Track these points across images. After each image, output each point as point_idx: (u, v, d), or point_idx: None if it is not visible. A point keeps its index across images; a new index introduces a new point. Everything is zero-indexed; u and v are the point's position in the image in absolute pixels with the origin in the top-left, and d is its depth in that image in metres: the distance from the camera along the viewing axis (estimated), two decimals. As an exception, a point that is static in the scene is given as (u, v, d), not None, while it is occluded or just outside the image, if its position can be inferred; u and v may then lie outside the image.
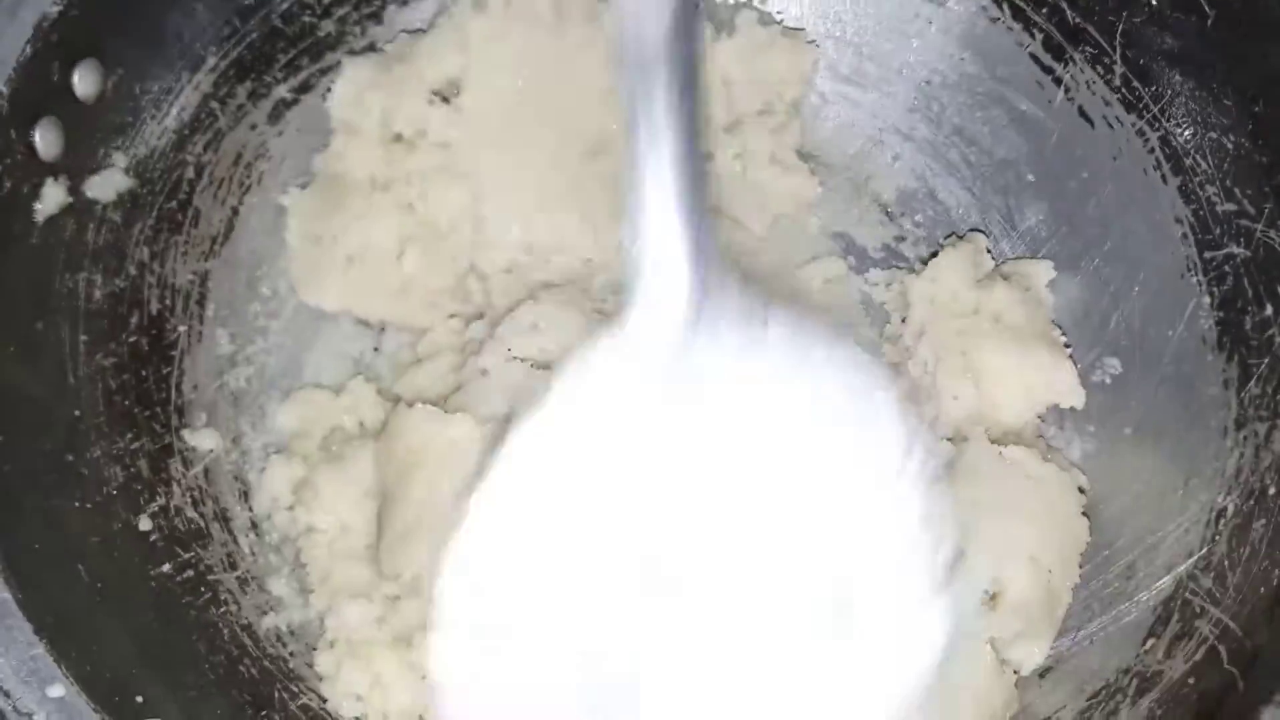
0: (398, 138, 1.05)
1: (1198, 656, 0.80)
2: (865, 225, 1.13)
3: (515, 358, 0.94)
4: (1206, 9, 0.92)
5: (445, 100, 1.04)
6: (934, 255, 1.06)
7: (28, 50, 0.84)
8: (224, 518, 0.95)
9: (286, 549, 0.96)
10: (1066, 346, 1.01)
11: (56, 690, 0.68)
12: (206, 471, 0.96)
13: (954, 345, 0.99)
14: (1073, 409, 0.98)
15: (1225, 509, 0.86)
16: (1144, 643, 0.84)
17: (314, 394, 1.03)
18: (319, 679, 0.90)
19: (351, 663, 0.88)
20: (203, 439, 0.96)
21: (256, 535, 0.96)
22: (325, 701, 0.88)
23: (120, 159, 0.93)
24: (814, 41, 1.13)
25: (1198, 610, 0.82)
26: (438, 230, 1.03)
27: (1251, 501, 0.84)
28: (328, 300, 1.05)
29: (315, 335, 1.07)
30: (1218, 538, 0.85)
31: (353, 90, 1.05)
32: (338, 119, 1.06)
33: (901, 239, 1.12)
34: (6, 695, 0.68)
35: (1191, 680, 0.79)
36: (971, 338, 0.98)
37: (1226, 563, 0.83)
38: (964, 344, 0.99)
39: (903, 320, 1.04)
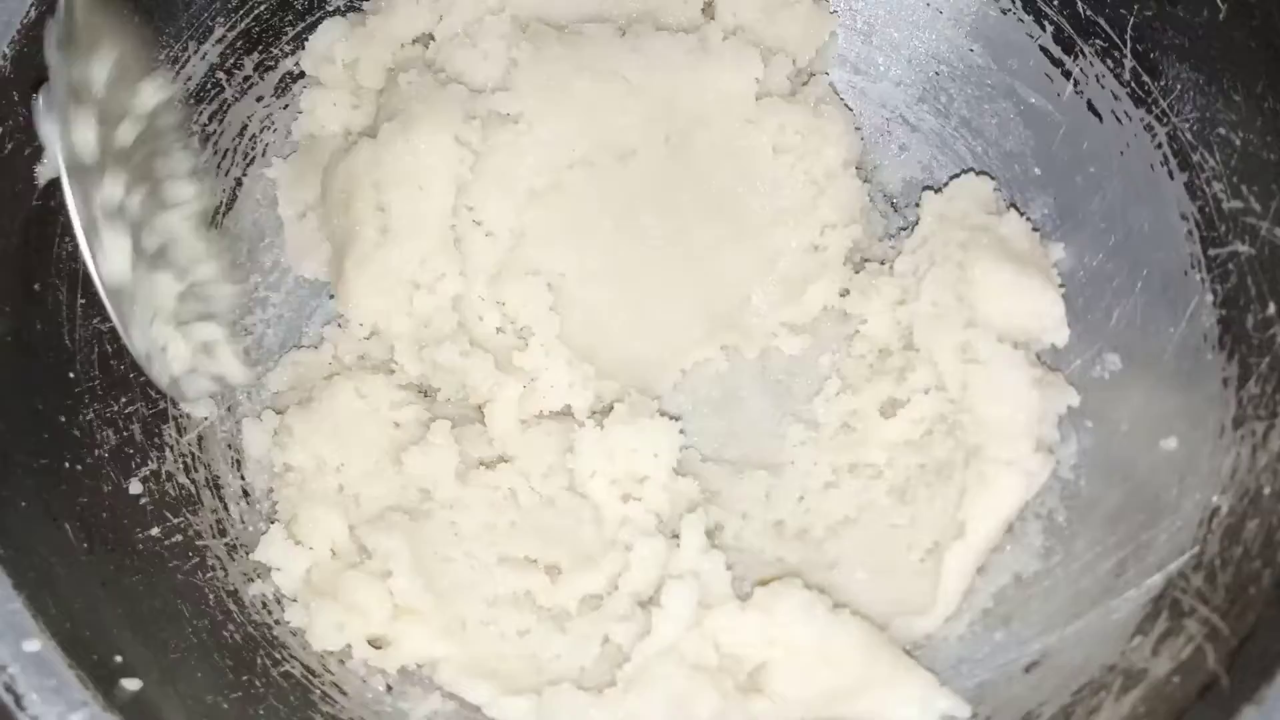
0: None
1: (1184, 655, 0.79)
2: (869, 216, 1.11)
3: None
4: (1218, 4, 0.91)
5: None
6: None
7: (31, 14, 0.84)
8: (215, 485, 0.95)
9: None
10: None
11: (33, 644, 0.69)
12: (200, 439, 0.96)
13: (953, 256, 0.99)
14: (1070, 407, 0.97)
15: (1219, 508, 0.85)
16: (1131, 639, 0.83)
17: (300, 355, 1.04)
18: (296, 632, 0.90)
19: (323, 598, 0.89)
20: (198, 406, 0.97)
21: (247, 503, 0.96)
22: (311, 673, 0.89)
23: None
24: (835, 12, 1.12)
25: (1187, 609, 0.81)
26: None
27: (1245, 501, 0.83)
28: (318, 270, 1.06)
29: (316, 307, 1.07)
30: (1210, 537, 0.84)
31: (323, 44, 1.05)
32: (309, 75, 1.06)
33: (905, 229, 1.11)
34: (-19, 646, 0.68)
35: (1176, 678, 0.78)
36: (972, 250, 0.98)
37: (1218, 562, 0.82)
38: (963, 256, 0.99)
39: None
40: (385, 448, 0.96)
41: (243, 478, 0.97)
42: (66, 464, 0.84)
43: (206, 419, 0.97)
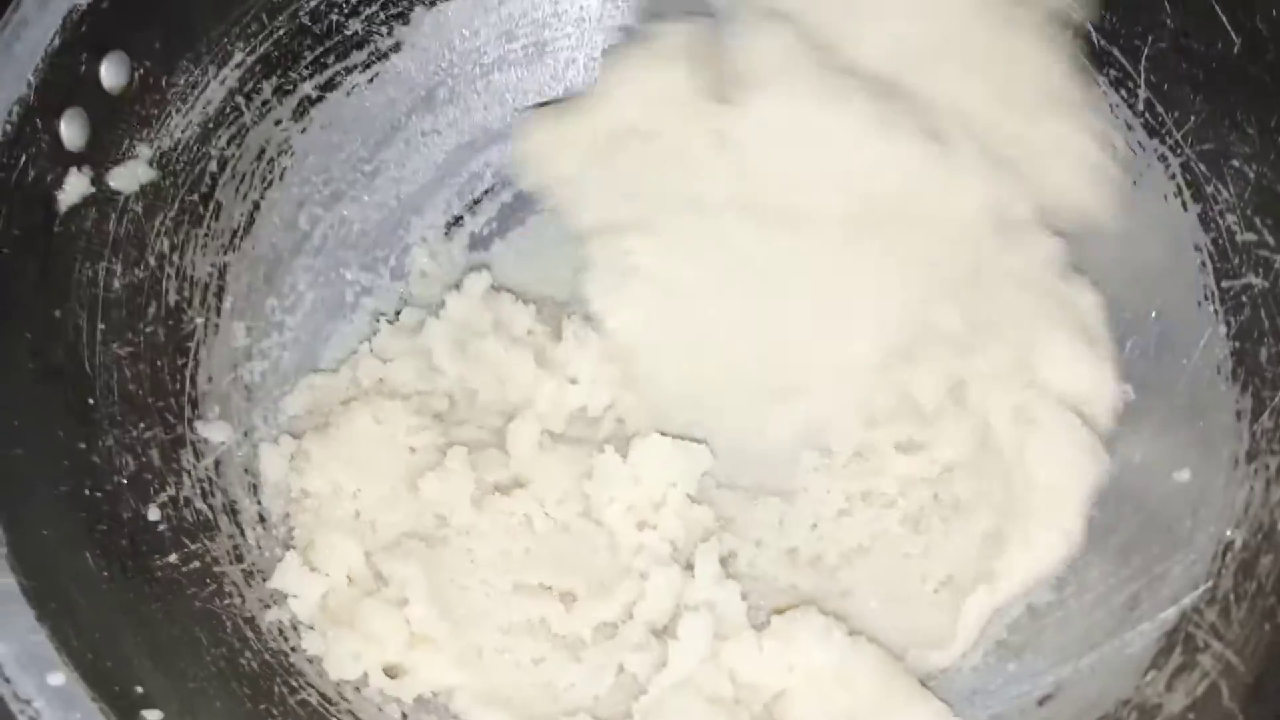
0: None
1: (1199, 691, 0.79)
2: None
3: None
4: (1232, 36, 0.92)
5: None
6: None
7: (56, 41, 0.85)
8: (232, 510, 0.95)
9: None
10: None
11: (56, 678, 0.69)
12: (217, 464, 0.96)
13: (1021, 321, 0.98)
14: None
15: (1233, 542, 0.85)
16: (1145, 674, 0.83)
17: (317, 379, 1.04)
18: (313, 660, 0.90)
19: (340, 626, 0.89)
20: (215, 431, 0.97)
21: (264, 529, 0.97)
22: (328, 701, 0.89)
23: (144, 151, 0.94)
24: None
25: (1201, 644, 0.82)
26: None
27: (1260, 536, 0.84)
28: None
29: (332, 331, 1.08)
30: (1224, 571, 0.84)
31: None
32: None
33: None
34: (6, 681, 0.68)
35: (1191, 715, 0.78)
36: (1042, 320, 0.98)
37: (1232, 597, 0.82)
38: (1031, 322, 0.98)
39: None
40: (401, 473, 0.97)
41: (259, 503, 0.97)
42: (86, 491, 0.84)
43: (223, 443, 0.97)
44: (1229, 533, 0.86)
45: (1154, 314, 0.99)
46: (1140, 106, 1.00)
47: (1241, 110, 0.92)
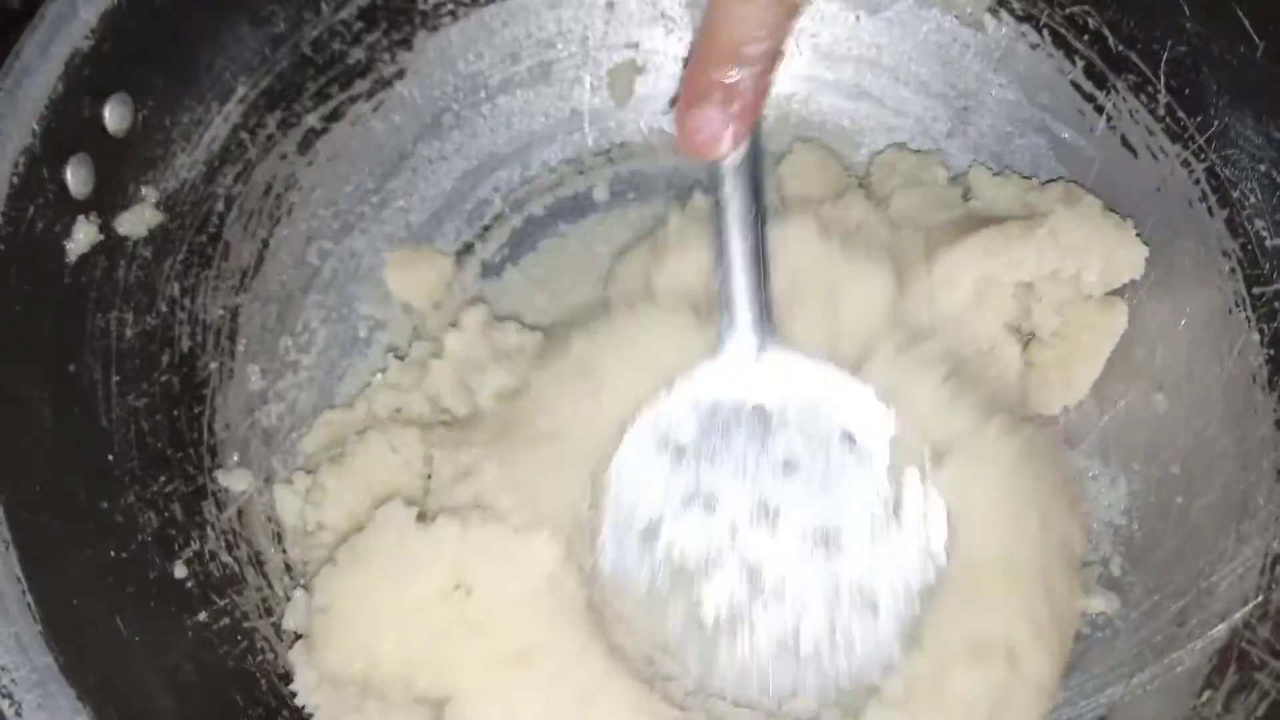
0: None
1: (1260, 711, 0.78)
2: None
3: None
4: (1255, 39, 0.91)
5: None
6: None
7: (59, 87, 0.82)
8: (258, 561, 0.93)
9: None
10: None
11: (100, 758, 0.67)
12: (240, 513, 0.94)
13: None
14: (1119, 444, 0.97)
15: (1280, 555, 0.84)
16: (1200, 694, 0.82)
17: (333, 415, 1.02)
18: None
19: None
20: (235, 479, 0.95)
21: (290, 578, 0.94)
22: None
23: (151, 193, 0.92)
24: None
25: (1256, 662, 0.81)
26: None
27: (1309, 548, 0.83)
28: None
29: (347, 367, 1.06)
30: (1274, 585, 0.83)
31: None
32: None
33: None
34: (55, 766, 0.66)
35: (1253, 736, 0.78)
36: None
37: (1285, 612, 0.82)
38: None
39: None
40: (418, 501, 0.95)
41: (284, 550, 0.95)
42: (112, 553, 0.81)
43: (245, 491, 0.95)
44: (1275, 544, 0.85)
45: (1183, 322, 0.98)
46: (1161, 111, 0.99)
47: (1267, 112, 0.91)
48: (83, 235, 0.85)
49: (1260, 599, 0.84)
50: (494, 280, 1.12)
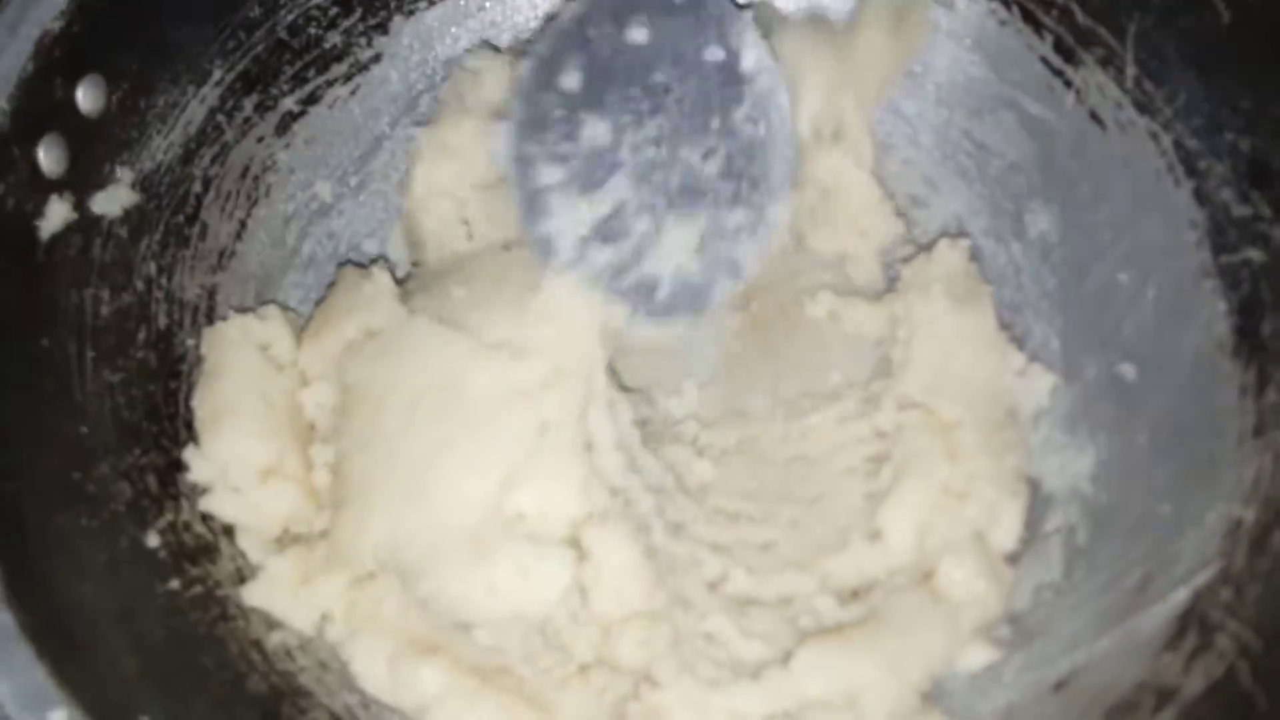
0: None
1: (1217, 672, 0.78)
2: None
3: None
4: (1221, 10, 0.91)
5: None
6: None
7: (29, 66, 0.84)
8: (232, 531, 0.94)
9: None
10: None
11: (58, 715, 0.68)
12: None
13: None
14: (1087, 415, 0.97)
15: (1243, 520, 0.84)
16: (1160, 656, 0.82)
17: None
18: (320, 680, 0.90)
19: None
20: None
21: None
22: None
23: (126, 174, 0.93)
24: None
25: (1216, 623, 0.81)
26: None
27: (1271, 513, 0.83)
28: None
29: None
30: (1235, 550, 0.83)
31: None
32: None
33: (910, 242, 1.11)
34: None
35: (1210, 696, 0.77)
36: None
37: (1245, 575, 0.82)
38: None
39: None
40: None
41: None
42: (84, 521, 0.83)
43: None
44: (1239, 510, 0.85)
45: (1152, 293, 0.98)
46: (1129, 84, 0.99)
47: (1233, 84, 0.92)
48: (56, 214, 0.87)
49: (1222, 562, 0.84)
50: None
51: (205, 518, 0.93)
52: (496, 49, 1.09)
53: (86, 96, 0.89)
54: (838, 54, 1.07)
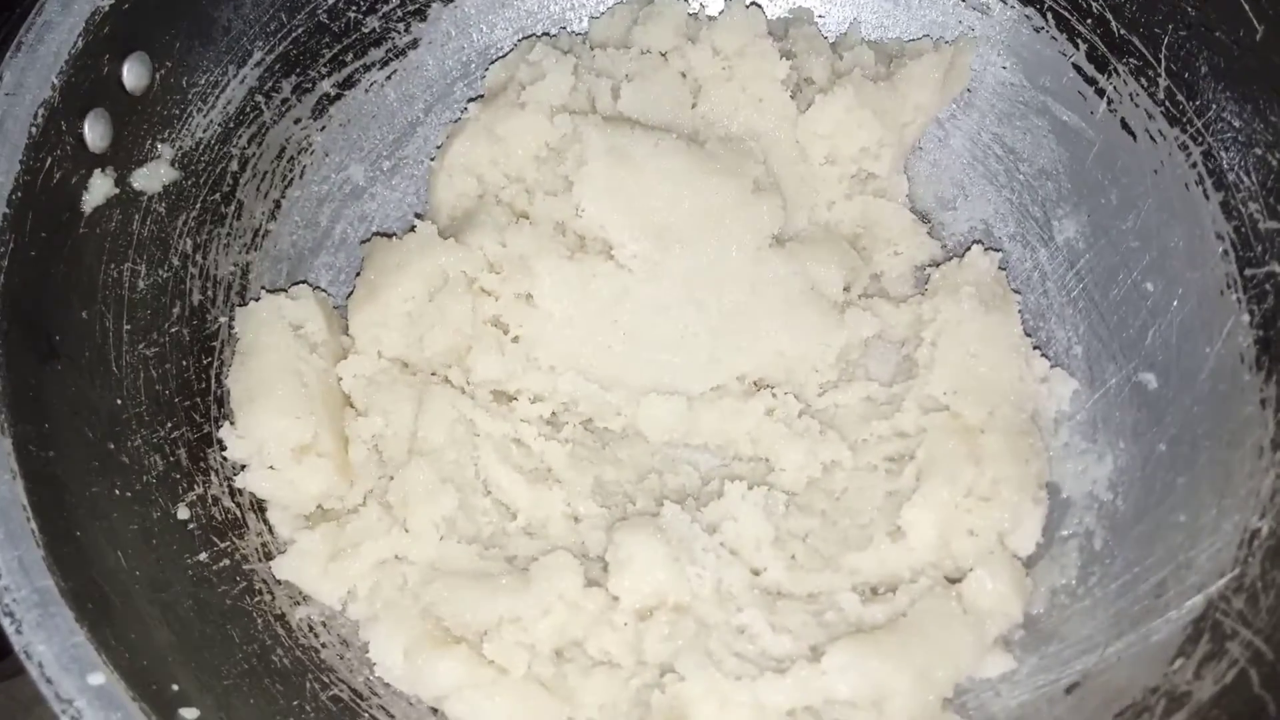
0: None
1: (1228, 679, 0.79)
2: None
3: None
4: (1255, 24, 0.92)
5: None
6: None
7: (79, 43, 0.85)
8: (260, 507, 0.95)
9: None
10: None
11: (97, 678, 0.69)
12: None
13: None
14: (1108, 422, 0.98)
15: (1259, 530, 0.85)
16: (1172, 662, 0.84)
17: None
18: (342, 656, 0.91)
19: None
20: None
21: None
22: (359, 697, 0.89)
23: (167, 151, 0.95)
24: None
25: (1229, 631, 0.82)
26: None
27: (1286, 524, 0.84)
28: None
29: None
30: (1250, 559, 0.84)
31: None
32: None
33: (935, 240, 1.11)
34: (49, 682, 0.69)
35: (1221, 702, 0.78)
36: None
37: (1260, 585, 0.82)
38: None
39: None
40: None
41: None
42: (117, 491, 0.84)
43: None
44: (1255, 520, 0.86)
45: (1175, 303, 0.98)
46: (1161, 95, 1.00)
47: (1264, 98, 0.92)
48: (98, 188, 0.88)
49: (1237, 571, 0.85)
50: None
51: (234, 492, 0.94)
52: (563, 51, 1.09)
53: (132, 73, 0.90)
54: (882, 115, 1.07)
